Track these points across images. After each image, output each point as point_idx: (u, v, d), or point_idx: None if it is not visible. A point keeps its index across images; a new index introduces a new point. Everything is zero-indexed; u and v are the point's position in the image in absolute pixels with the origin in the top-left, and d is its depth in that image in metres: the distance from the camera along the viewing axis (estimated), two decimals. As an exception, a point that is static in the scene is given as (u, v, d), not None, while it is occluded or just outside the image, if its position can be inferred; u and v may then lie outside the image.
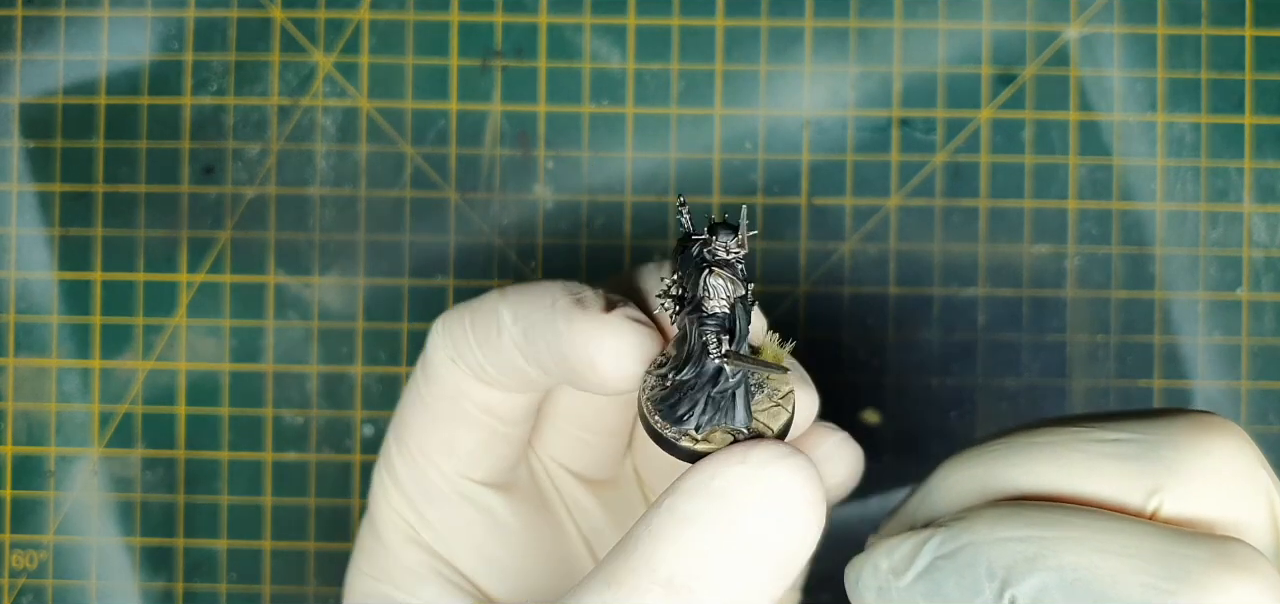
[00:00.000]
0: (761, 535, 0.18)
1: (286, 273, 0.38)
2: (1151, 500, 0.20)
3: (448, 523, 0.25)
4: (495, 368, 0.23)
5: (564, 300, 0.22)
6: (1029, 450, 0.21)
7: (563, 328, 0.21)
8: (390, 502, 0.26)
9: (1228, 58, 0.37)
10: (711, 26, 0.37)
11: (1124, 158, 0.37)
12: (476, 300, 0.24)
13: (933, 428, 0.37)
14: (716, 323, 0.20)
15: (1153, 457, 0.20)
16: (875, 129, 0.37)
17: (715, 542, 0.18)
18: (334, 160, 0.38)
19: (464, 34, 0.37)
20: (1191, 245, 0.37)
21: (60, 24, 0.38)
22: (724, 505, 0.18)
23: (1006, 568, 0.19)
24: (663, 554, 0.18)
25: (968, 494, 0.22)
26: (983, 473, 0.21)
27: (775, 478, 0.18)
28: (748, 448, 0.18)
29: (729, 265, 0.20)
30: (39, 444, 0.38)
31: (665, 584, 0.18)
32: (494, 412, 0.25)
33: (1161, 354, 0.37)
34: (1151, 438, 0.20)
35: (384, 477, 0.27)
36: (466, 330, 0.24)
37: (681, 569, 0.18)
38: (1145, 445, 0.20)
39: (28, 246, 0.38)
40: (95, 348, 0.38)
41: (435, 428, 0.25)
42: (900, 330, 0.37)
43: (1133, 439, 0.20)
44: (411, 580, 0.25)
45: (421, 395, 0.25)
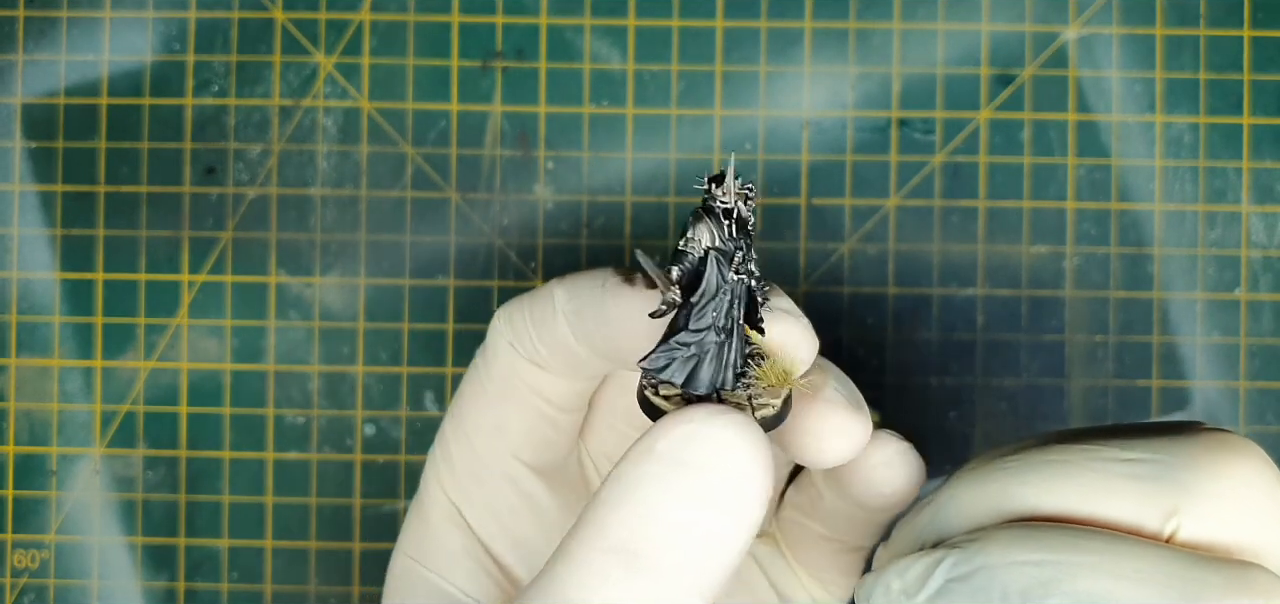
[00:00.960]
0: (705, 495, 0.18)
1: (288, 273, 0.38)
2: (1169, 524, 0.19)
3: (491, 504, 0.26)
4: (548, 349, 0.24)
5: (613, 279, 0.22)
6: (1043, 469, 0.21)
7: (610, 305, 0.22)
8: (440, 480, 0.26)
9: (1226, 58, 0.37)
10: (711, 27, 0.37)
11: (1122, 158, 0.37)
12: (537, 290, 0.25)
13: (932, 427, 0.37)
14: (680, 271, 0.19)
15: (1170, 478, 0.20)
16: (874, 130, 0.38)
17: (660, 504, 0.18)
18: (335, 161, 0.38)
19: (465, 35, 0.38)
20: (1190, 246, 0.37)
21: (62, 24, 0.38)
22: (665, 467, 0.18)
23: (1022, 592, 0.19)
24: (611, 521, 0.18)
25: (981, 513, 0.21)
26: (996, 491, 0.21)
27: (713, 435, 0.18)
28: (689, 408, 0.18)
29: (712, 213, 0.19)
30: (41, 444, 0.38)
31: (616, 552, 0.18)
32: (546, 395, 0.25)
33: (1160, 354, 0.37)
34: (1169, 458, 0.20)
35: (437, 455, 0.27)
36: (525, 314, 0.24)
37: (630, 535, 0.17)
38: (1162, 466, 0.20)
39: (30, 247, 0.38)
40: (97, 348, 0.38)
41: (489, 409, 0.25)
42: (899, 330, 0.37)
43: (1150, 459, 0.20)
44: (448, 563, 0.26)
45: (479, 378, 0.26)
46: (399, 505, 0.38)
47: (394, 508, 0.38)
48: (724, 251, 0.19)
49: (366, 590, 0.38)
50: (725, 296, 0.19)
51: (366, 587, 0.38)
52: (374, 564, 0.38)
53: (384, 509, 0.38)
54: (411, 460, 0.38)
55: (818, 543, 0.27)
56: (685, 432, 0.18)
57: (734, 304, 0.19)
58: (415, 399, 0.38)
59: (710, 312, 0.19)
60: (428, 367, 0.38)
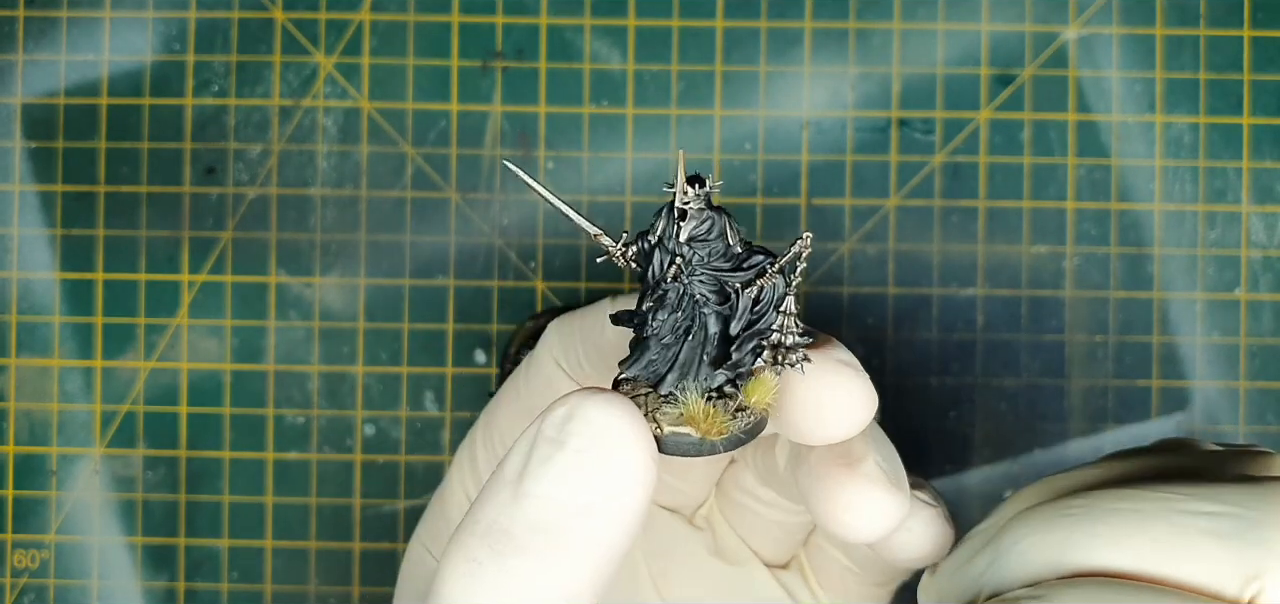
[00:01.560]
0: (580, 476, 0.17)
1: (288, 273, 0.38)
2: (1249, 588, 0.18)
3: None
4: (593, 366, 0.23)
5: None
6: (1112, 518, 0.19)
7: None
8: (464, 483, 0.26)
9: (1226, 58, 0.37)
10: (711, 28, 0.37)
11: (1122, 158, 0.37)
12: (587, 309, 0.24)
13: (932, 427, 0.37)
14: (635, 250, 0.19)
15: (1253, 537, 0.18)
16: (874, 130, 0.38)
17: (534, 485, 0.18)
18: (335, 161, 0.38)
19: (465, 35, 0.38)
20: (1190, 245, 0.37)
21: (62, 25, 0.38)
22: (546, 448, 0.18)
23: None
24: (487, 503, 0.18)
25: (1044, 564, 0.19)
26: (1061, 541, 0.19)
27: (590, 415, 0.18)
28: (576, 391, 0.18)
29: (671, 212, 0.19)
30: (41, 444, 0.38)
31: (512, 483, 0.18)
32: None
33: (1160, 354, 0.37)
34: (1251, 515, 0.18)
35: (463, 458, 0.26)
36: (575, 330, 0.24)
37: (500, 516, 0.18)
38: (1244, 522, 0.18)
39: (30, 247, 0.38)
40: (97, 348, 0.38)
41: (523, 419, 0.24)
42: (899, 330, 0.37)
43: (1230, 513, 0.18)
44: None
45: (518, 389, 0.25)
46: (399, 505, 0.38)
47: (394, 508, 0.38)
48: (668, 249, 0.19)
49: (366, 590, 0.38)
50: (676, 301, 0.19)
51: (366, 587, 0.38)
52: (374, 564, 0.38)
53: (384, 509, 0.38)
54: (411, 460, 0.38)
55: (844, 575, 0.26)
56: (563, 412, 0.18)
57: (686, 309, 0.19)
58: (415, 399, 0.38)
59: (666, 317, 0.19)
60: (428, 367, 0.38)
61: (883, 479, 0.20)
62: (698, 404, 0.19)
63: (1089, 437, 0.37)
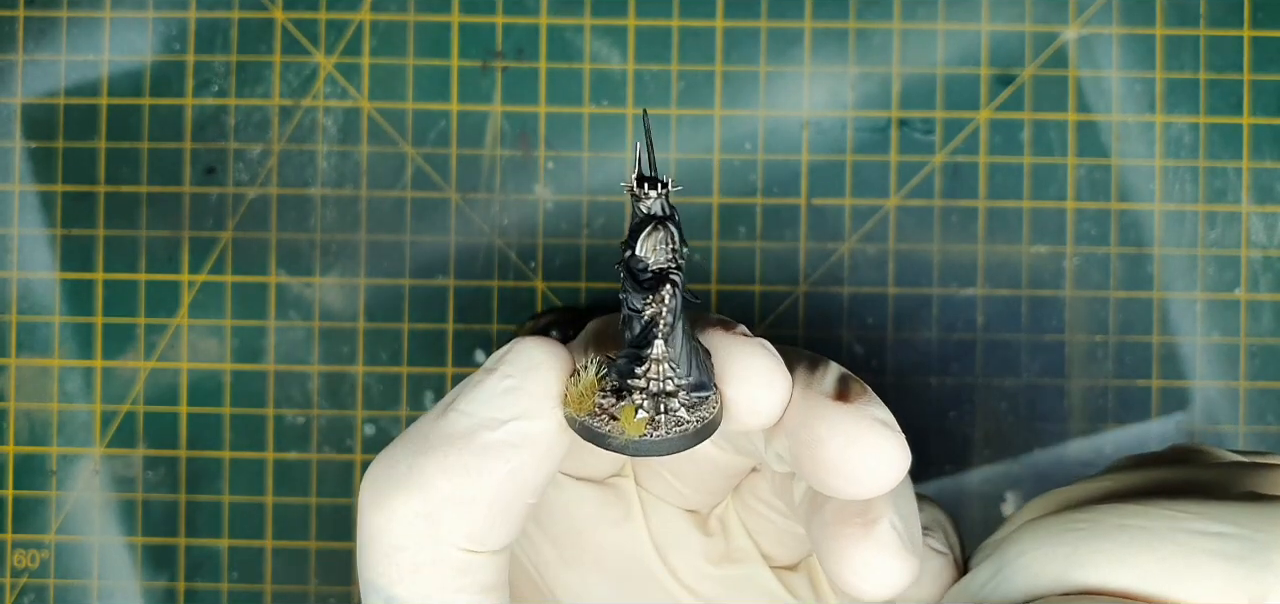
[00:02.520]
0: (502, 392, 0.19)
1: (288, 273, 0.38)
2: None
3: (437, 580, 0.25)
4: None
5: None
6: (1118, 535, 0.19)
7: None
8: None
9: (1226, 58, 0.37)
10: (711, 27, 0.37)
11: (1122, 158, 0.37)
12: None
13: (932, 427, 0.37)
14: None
15: (1260, 560, 0.18)
16: (874, 130, 0.38)
17: (476, 385, 0.19)
18: (335, 161, 0.38)
19: (465, 35, 0.37)
20: (1190, 245, 0.37)
21: (62, 25, 0.38)
22: (490, 363, 0.19)
23: None
24: (431, 419, 0.19)
25: (1047, 580, 0.20)
26: (1066, 556, 0.19)
27: (522, 349, 0.19)
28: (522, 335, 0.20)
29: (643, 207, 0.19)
30: (41, 444, 0.38)
31: (446, 404, 0.19)
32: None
33: (1160, 354, 0.37)
34: (1259, 537, 0.18)
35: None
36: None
37: (457, 394, 0.19)
38: (1252, 545, 0.18)
39: (30, 247, 0.38)
40: (97, 348, 0.38)
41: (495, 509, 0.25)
42: (899, 330, 0.37)
43: (1238, 535, 0.18)
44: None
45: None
46: (399, 505, 0.38)
47: (394, 508, 0.38)
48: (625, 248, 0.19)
49: (366, 590, 0.38)
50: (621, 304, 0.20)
51: (366, 587, 0.38)
52: (374, 564, 0.38)
53: (384, 509, 0.38)
54: (411, 460, 0.38)
55: None
56: (505, 348, 0.19)
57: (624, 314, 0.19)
58: (415, 399, 0.38)
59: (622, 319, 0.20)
60: (428, 367, 0.38)
61: (897, 544, 0.20)
62: (625, 405, 0.19)
63: (1089, 437, 0.37)
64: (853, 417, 0.19)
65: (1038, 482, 0.37)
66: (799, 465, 0.20)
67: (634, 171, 0.18)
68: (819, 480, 0.20)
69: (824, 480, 0.20)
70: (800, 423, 0.19)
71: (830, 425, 0.19)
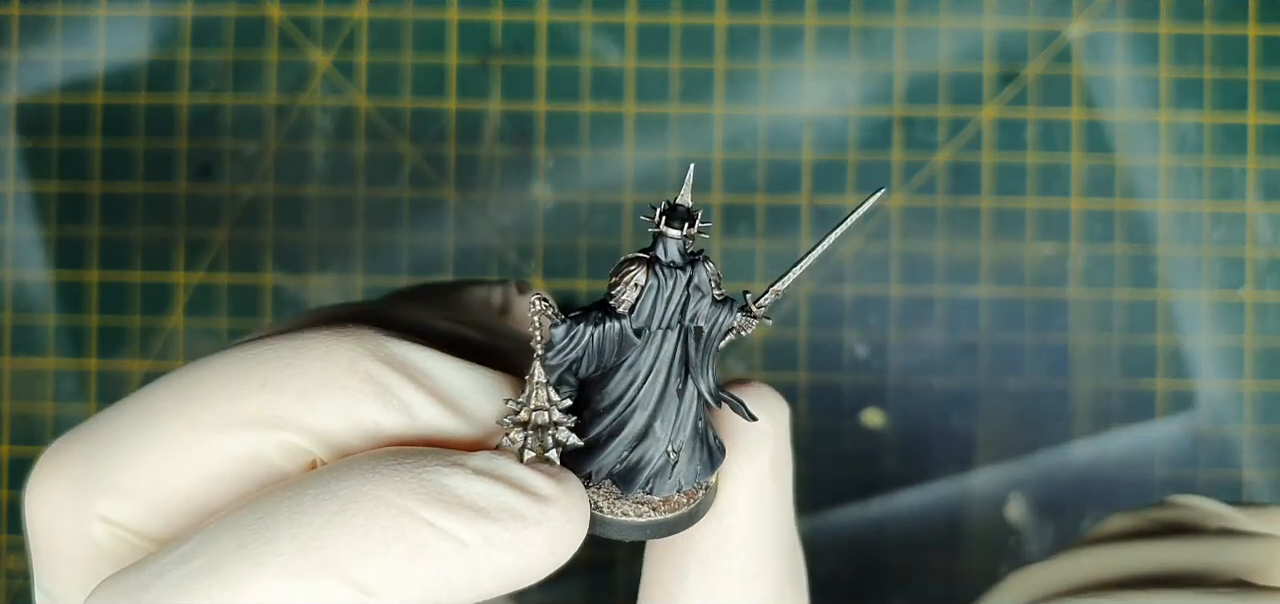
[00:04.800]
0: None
1: (284, 273, 0.37)
2: None
3: None
4: None
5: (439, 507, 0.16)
6: None
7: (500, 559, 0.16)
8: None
9: (1231, 56, 0.37)
10: (711, 24, 0.37)
11: (1127, 156, 0.37)
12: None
13: (935, 428, 0.37)
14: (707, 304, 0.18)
15: None
16: (877, 128, 0.37)
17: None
18: (332, 159, 0.37)
19: (463, 32, 0.37)
20: (1195, 245, 0.37)
21: (56, 22, 0.37)
22: None
23: None
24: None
25: None
26: None
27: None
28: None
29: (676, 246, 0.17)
30: (36, 445, 0.38)
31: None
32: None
33: (1165, 355, 0.37)
34: None
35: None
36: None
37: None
38: None
39: (23, 247, 0.38)
40: (92, 348, 0.37)
41: None
42: (903, 330, 0.37)
43: None
44: None
45: None
46: (396, 508, 0.37)
47: (391, 510, 0.37)
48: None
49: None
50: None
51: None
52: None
53: (381, 511, 0.37)
54: (409, 462, 0.37)
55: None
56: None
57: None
58: (413, 400, 0.37)
59: None
60: (426, 367, 0.37)
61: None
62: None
63: (1093, 438, 0.37)
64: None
65: (1042, 483, 0.37)
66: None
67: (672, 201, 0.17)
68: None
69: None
70: None
71: None
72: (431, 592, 0.15)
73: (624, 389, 0.17)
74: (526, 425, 0.16)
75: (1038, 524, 0.37)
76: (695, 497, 0.18)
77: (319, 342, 0.16)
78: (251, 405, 0.16)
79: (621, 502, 0.17)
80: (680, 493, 0.18)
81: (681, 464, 0.17)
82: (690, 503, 0.18)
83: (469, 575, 0.15)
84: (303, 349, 0.16)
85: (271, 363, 0.16)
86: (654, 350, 0.17)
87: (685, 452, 0.17)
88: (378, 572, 0.15)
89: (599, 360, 0.17)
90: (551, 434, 0.17)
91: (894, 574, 0.37)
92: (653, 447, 0.17)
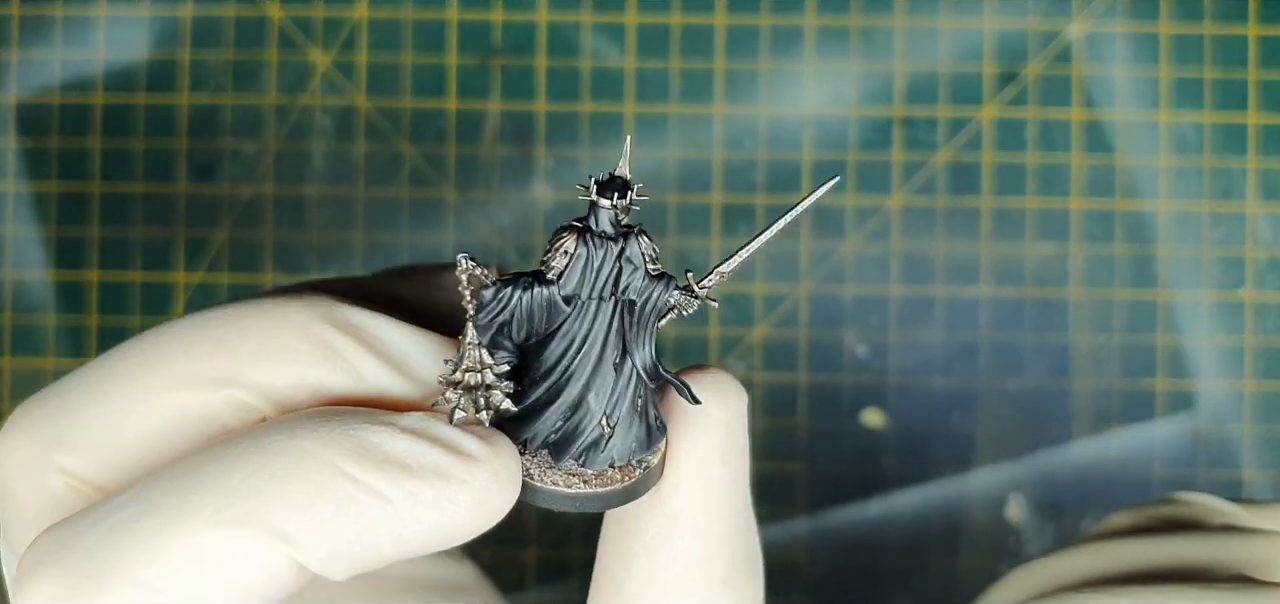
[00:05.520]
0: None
1: (284, 273, 0.37)
2: None
3: None
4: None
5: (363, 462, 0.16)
6: None
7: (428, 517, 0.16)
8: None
9: (1231, 56, 0.37)
10: (711, 24, 0.37)
11: (1127, 156, 0.37)
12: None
13: (935, 428, 0.37)
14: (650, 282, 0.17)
15: None
16: (877, 128, 0.37)
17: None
18: (331, 159, 0.37)
19: (463, 32, 0.37)
20: (1195, 245, 0.37)
21: (56, 22, 0.37)
22: None
23: None
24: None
25: None
26: None
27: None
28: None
29: (610, 221, 0.17)
30: (34, 445, 0.37)
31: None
32: None
33: (1165, 355, 0.37)
34: None
35: None
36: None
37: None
38: None
39: (23, 247, 0.37)
40: (91, 348, 0.37)
41: None
42: (902, 330, 0.37)
43: None
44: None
45: None
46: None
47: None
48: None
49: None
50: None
51: (363, 590, 0.37)
52: (371, 567, 0.37)
53: (381, 511, 0.37)
54: (409, 462, 0.37)
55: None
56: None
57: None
58: (413, 400, 0.37)
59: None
60: (425, 367, 0.37)
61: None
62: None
63: (1094, 438, 0.37)
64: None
65: (1042, 483, 0.37)
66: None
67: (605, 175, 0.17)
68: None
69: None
70: None
71: None
72: (355, 547, 0.15)
73: (559, 356, 0.17)
74: (459, 386, 0.17)
75: (1038, 524, 0.37)
76: (631, 474, 0.18)
77: (272, 306, 0.17)
78: (204, 366, 0.16)
79: (553, 471, 0.17)
80: (613, 468, 0.18)
81: (616, 438, 0.17)
82: (625, 480, 0.18)
83: (392, 532, 0.15)
84: (256, 313, 0.17)
85: (226, 325, 0.17)
86: (588, 320, 0.17)
87: (621, 426, 0.17)
88: (301, 524, 0.15)
89: (529, 326, 0.17)
90: (484, 395, 0.17)
91: (894, 574, 0.37)
92: (586, 417, 0.17)
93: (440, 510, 0.16)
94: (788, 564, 0.37)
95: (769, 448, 0.37)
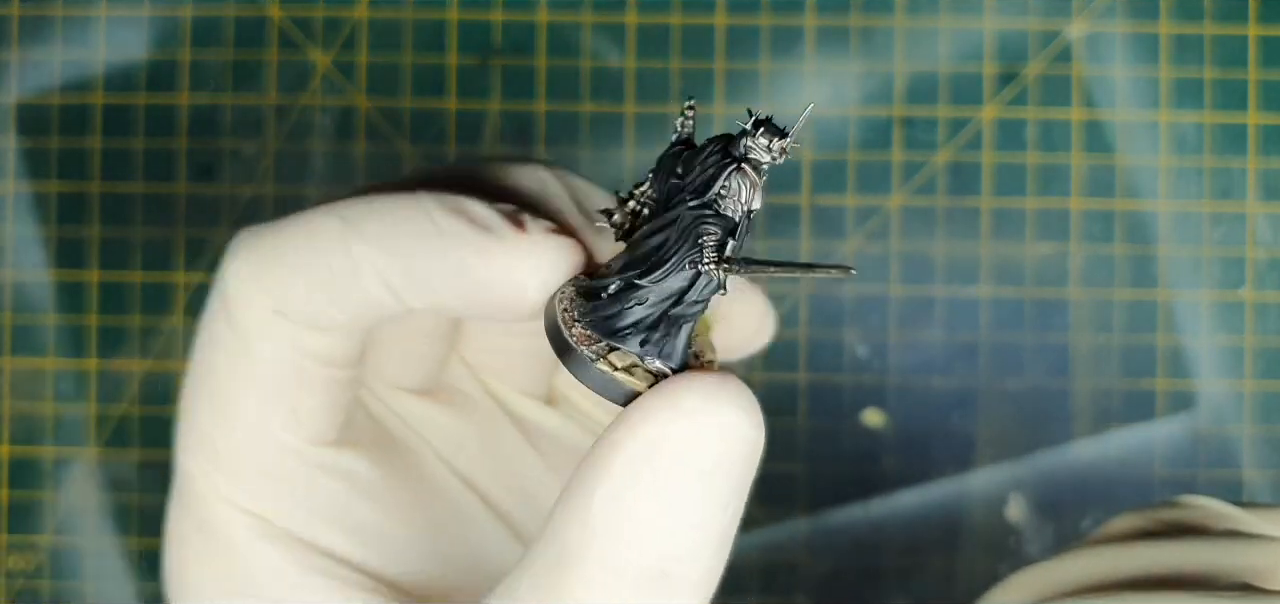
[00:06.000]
0: (726, 493, 0.16)
1: (284, 273, 0.37)
2: None
3: (308, 504, 0.21)
4: (347, 313, 0.20)
5: (453, 222, 0.19)
6: None
7: (473, 261, 0.19)
8: (223, 494, 0.21)
9: (1231, 56, 0.37)
10: (711, 24, 0.37)
11: (1127, 156, 0.37)
12: (295, 229, 0.21)
13: (935, 428, 0.37)
14: (723, 226, 0.17)
15: None
16: (876, 127, 0.37)
17: (686, 513, 0.16)
18: (332, 159, 0.37)
19: (462, 32, 0.37)
20: (1195, 245, 0.37)
21: (56, 22, 0.37)
22: (688, 474, 0.16)
23: None
24: (639, 540, 0.16)
25: None
26: None
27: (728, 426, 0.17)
28: (685, 391, 0.17)
29: (758, 168, 0.17)
30: (35, 445, 0.37)
31: (649, 576, 0.16)
32: (336, 360, 0.20)
33: (1165, 355, 0.37)
34: None
35: (206, 466, 0.21)
36: (296, 276, 0.20)
37: (662, 554, 0.16)
38: None
39: (23, 247, 0.37)
40: (91, 348, 0.37)
41: (270, 398, 0.20)
42: (902, 330, 0.37)
43: None
44: (279, 582, 0.21)
45: (241, 358, 0.21)
46: (396, 507, 0.37)
47: (391, 510, 0.37)
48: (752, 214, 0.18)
49: (364, 593, 0.37)
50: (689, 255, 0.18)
51: (364, 590, 0.37)
52: (371, 567, 0.37)
53: (381, 511, 0.37)
54: (409, 462, 0.37)
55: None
56: (695, 427, 0.16)
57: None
58: (413, 400, 0.37)
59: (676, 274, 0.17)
60: (425, 367, 0.37)
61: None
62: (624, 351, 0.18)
63: (1094, 438, 0.37)
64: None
65: (1042, 483, 0.37)
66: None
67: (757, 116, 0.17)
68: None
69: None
70: None
71: None
72: (427, 275, 0.19)
73: (653, 233, 0.18)
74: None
75: (1038, 524, 0.37)
76: (637, 380, 0.17)
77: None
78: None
79: (585, 329, 0.18)
80: (632, 367, 0.17)
81: (641, 333, 0.17)
82: (628, 383, 0.17)
83: (440, 260, 0.19)
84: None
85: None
86: (680, 219, 0.18)
87: (654, 328, 0.17)
88: (392, 246, 0.19)
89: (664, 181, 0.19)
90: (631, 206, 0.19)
91: (894, 574, 0.37)
92: (635, 299, 0.18)
93: (478, 255, 0.19)
94: (788, 564, 0.37)
95: (769, 448, 0.37)
